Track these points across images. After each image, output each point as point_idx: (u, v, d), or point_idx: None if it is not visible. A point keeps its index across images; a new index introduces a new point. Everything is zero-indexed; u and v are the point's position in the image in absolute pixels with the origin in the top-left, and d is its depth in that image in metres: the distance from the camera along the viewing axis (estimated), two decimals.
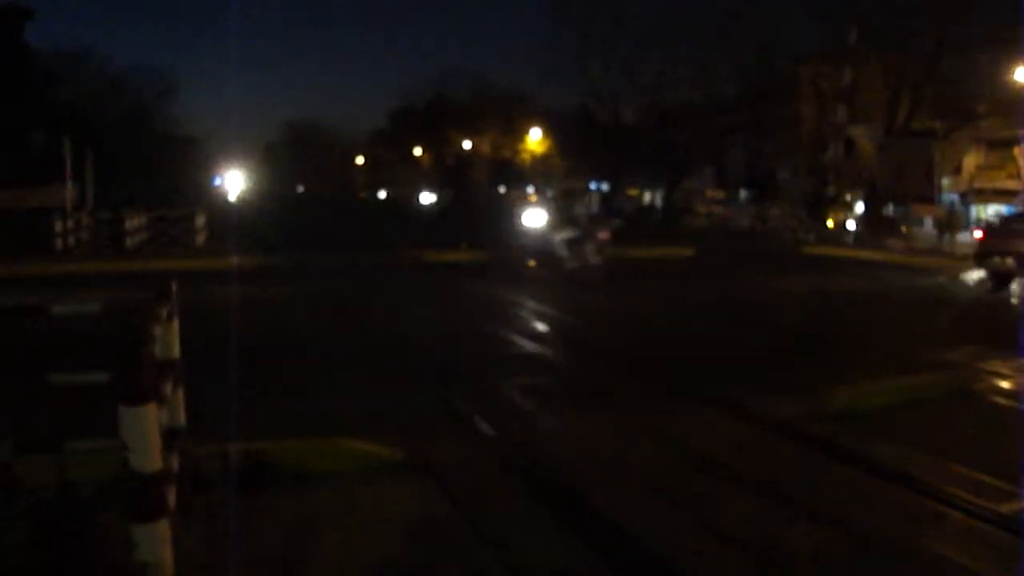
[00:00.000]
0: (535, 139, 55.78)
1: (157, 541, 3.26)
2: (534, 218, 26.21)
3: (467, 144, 60.94)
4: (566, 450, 6.06)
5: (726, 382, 8.20)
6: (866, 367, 9.04)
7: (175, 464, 4.45)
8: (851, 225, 34.04)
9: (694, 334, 11.86)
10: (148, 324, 4.07)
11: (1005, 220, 20.88)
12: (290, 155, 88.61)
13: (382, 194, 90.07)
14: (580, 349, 10.41)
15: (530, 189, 61.41)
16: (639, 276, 19.26)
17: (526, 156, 59.27)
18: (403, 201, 71.19)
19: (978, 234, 19.86)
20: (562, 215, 23.10)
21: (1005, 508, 4.95)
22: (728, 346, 10.78)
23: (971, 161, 36.46)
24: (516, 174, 60.68)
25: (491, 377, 8.29)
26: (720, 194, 51.96)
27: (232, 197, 46.32)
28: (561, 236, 19.62)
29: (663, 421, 6.83)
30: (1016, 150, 31.35)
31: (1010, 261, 16.67)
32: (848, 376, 8.29)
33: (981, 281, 17.83)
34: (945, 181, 34.44)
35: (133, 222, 23.62)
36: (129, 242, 22.93)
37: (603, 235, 19.87)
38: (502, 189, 62.60)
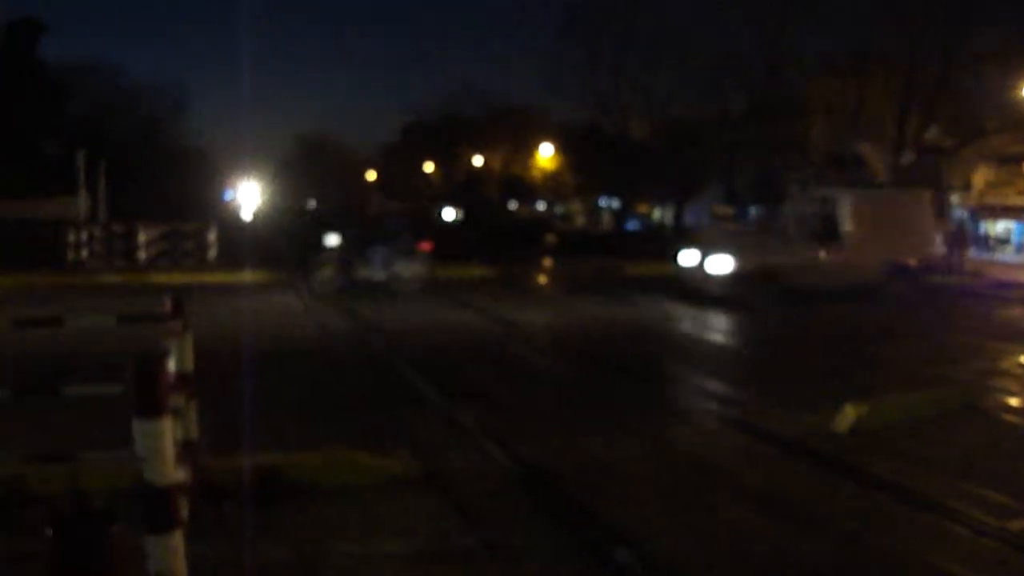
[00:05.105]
0: (546, 155, 55.77)
1: (170, 552, 3.30)
2: None
3: (478, 160, 60.99)
4: (577, 461, 6.08)
5: (738, 398, 8.20)
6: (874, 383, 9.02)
7: (189, 476, 4.50)
8: None
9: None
10: (162, 337, 4.13)
11: None
12: (303, 169, 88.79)
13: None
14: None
15: (540, 205, 61.47)
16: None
17: (537, 172, 59.31)
18: (422, 215, 70.73)
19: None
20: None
21: (1014, 525, 4.95)
22: (726, 361, 10.79)
23: (980, 177, 36.39)
24: (527, 190, 60.68)
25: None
26: (729, 210, 51.85)
27: (247, 214, 45.97)
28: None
29: (671, 436, 6.84)
30: None
31: None
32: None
33: None
34: (954, 197, 34.41)
35: (145, 235, 23.74)
36: (141, 255, 23.05)
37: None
38: (513, 205, 62.64)
